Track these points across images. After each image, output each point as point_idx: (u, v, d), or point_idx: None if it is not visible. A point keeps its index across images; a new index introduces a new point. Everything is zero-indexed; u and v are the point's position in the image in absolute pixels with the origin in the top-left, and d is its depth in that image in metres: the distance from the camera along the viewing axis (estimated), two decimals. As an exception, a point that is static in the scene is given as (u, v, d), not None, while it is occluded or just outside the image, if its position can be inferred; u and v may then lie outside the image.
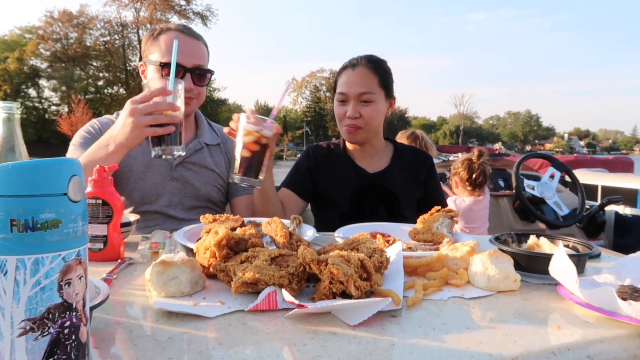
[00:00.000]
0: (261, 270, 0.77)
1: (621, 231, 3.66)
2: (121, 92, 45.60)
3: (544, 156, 3.97)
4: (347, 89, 1.67)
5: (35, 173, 0.46)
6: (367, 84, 1.66)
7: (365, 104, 1.67)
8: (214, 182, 1.78)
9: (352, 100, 1.67)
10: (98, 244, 1.06)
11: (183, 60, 1.60)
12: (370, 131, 1.73)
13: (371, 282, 0.78)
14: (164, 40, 1.64)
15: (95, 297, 0.67)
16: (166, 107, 1.31)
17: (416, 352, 0.62)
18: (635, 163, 9.82)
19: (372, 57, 1.72)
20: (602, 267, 1.00)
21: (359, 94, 1.66)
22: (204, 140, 1.80)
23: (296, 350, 0.62)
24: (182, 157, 1.68)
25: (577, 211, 3.22)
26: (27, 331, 0.46)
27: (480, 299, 0.84)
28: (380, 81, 1.69)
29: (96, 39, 45.35)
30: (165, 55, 1.61)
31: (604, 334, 0.70)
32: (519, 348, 0.64)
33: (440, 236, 1.21)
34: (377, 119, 1.72)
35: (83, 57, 44.17)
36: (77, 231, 0.49)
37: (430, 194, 1.84)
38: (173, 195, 1.70)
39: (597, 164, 8.76)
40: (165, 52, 1.61)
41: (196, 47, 1.66)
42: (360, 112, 1.67)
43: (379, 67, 1.70)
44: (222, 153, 1.85)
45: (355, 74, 1.68)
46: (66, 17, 42.77)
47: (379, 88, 1.69)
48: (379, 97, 1.69)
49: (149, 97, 1.31)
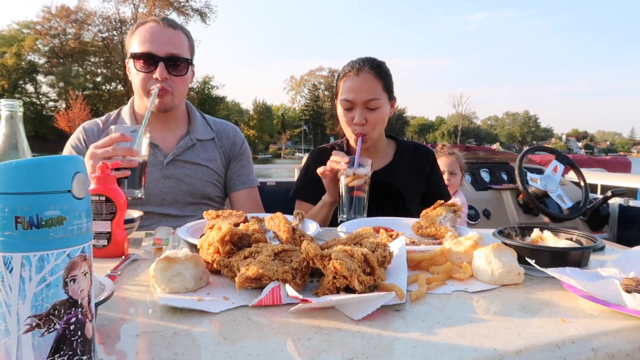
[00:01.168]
0: (265, 266, 0.77)
1: (625, 224, 3.65)
2: (119, 88, 45.58)
3: (548, 149, 3.95)
4: (353, 96, 1.67)
5: (39, 170, 0.46)
6: (373, 90, 1.67)
7: (371, 110, 1.68)
8: (208, 178, 1.76)
9: (359, 107, 1.67)
10: (102, 240, 1.06)
11: (156, 49, 1.58)
12: (376, 136, 1.75)
13: (375, 277, 0.78)
14: (139, 32, 1.61)
15: (100, 294, 0.68)
16: (123, 152, 1.32)
17: (420, 346, 0.62)
18: (632, 164, 9.79)
19: (374, 61, 1.73)
20: (606, 259, 0.99)
21: (365, 101, 1.66)
22: (196, 136, 1.77)
23: (300, 344, 0.63)
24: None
25: (580, 204, 3.20)
26: (33, 327, 0.46)
27: (484, 292, 0.84)
28: (384, 85, 1.70)
29: (94, 35, 45.27)
30: (139, 46, 1.59)
31: (609, 326, 0.70)
32: (523, 341, 0.64)
33: (443, 230, 1.21)
34: (383, 124, 1.74)
35: (81, 53, 44.14)
36: (82, 228, 0.49)
37: (434, 188, 1.86)
38: (166, 194, 1.69)
39: (595, 164, 8.74)
40: (139, 43, 1.59)
41: (171, 36, 1.62)
42: (367, 118, 1.68)
43: (382, 71, 1.71)
44: (216, 147, 1.81)
45: (360, 80, 1.67)
46: (64, 12, 42.68)
47: (383, 93, 1.70)
48: (384, 101, 1.71)
49: (109, 142, 1.33)
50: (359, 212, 1.50)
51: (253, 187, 1.88)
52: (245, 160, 1.88)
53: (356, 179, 1.48)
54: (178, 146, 1.72)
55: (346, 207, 1.50)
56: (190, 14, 44.88)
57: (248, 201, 1.84)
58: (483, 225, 3.33)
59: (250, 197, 1.86)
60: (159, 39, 1.59)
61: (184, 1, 44.82)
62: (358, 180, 1.49)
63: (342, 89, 1.72)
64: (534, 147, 3.76)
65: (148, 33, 1.60)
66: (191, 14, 44.83)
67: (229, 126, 1.92)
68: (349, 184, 1.49)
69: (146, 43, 1.59)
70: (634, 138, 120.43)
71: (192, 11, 45.17)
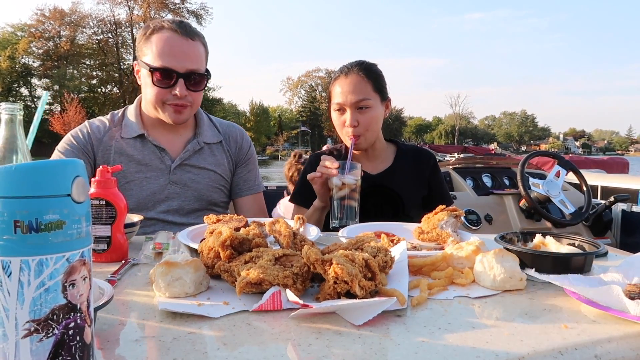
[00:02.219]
0: (265, 271, 0.77)
1: (628, 229, 3.63)
2: (115, 91, 45.56)
3: (550, 154, 3.94)
4: (343, 99, 1.67)
5: (38, 174, 0.46)
6: (362, 91, 1.67)
7: (362, 111, 1.68)
8: (215, 183, 1.73)
9: (349, 109, 1.67)
10: (102, 244, 1.06)
11: (175, 64, 1.51)
12: (371, 137, 1.73)
13: (376, 282, 0.77)
14: (155, 41, 1.52)
15: (99, 298, 0.67)
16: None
17: (421, 352, 0.62)
18: (630, 164, 9.78)
19: (363, 62, 1.73)
20: (609, 265, 0.99)
21: (354, 102, 1.66)
22: (204, 139, 1.72)
23: (301, 350, 0.62)
24: (180, 159, 1.66)
25: (583, 209, 3.19)
26: (32, 332, 0.46)
27: (485, 298, 0.84)
28: (374, 86, 1.69)
29: (89, 37, 45.31)
30: (156, 59, 1.52)
31: (612, 333, 0.69)
32: (525, 348, 0.63)
33: (445, 235, 1.20)
34: (375, 124, 1.72)
35: (76, 56, 44.13)
36: (81, 232, 0.49)
37: (436, 192, 1.84)
38: (172, 200, 1.64)
39: (592, 165, 8.74)
40: (157, 55, 1.51)
41: (191, 50, 1.55)
42: (359, 120, 1.67)
43: (371, 72, 1.70)
44: (223, 151, 1.77)
45: (348, 82, 1.68)
46: (58, 14, 42.75)
47: (374, 93, 1.69)
48: (375, 102, 1.70)
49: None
50: (351, 218, 1.48)
51: (259, 192, 1.86)
52: (252, 164, 1.85)
53: (345, 188, 1.47)
54: (185, 150, 1.67)
55: (337, 213, 1.49)
56: (185, 15, 44.96)
57: (254, 207, 1.81)
58: (485, 230, 3.32)
59: (256, 202, 1.84)
60: (179, 54, 1.52)
61: (179, 3, 45.00)
62: (346, 189, 1.48)
63: (334, 93, 1.73)
64: (536, 152, 3.73)
65: (167, 45, 1.52)
66: (187, 16, 44.93)
67: (236, 128, 1.87)
68: (338, 194, 1.48)
69: (165, 57, 1.51)
70: (631, 136, 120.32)
71: (187, 13, 45.31)
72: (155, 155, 1.64)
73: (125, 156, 1.62)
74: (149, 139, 1.64)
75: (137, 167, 1.62)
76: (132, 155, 1.62)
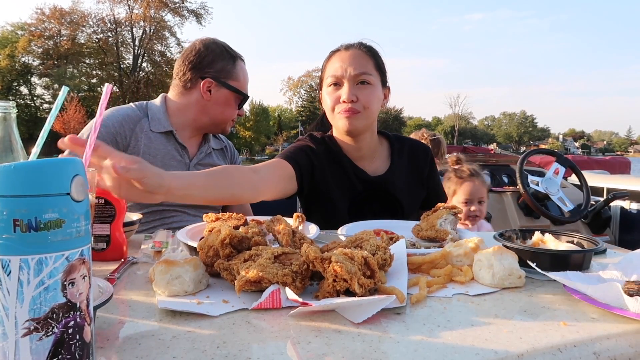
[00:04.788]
0: (265, 269, 0.77)
1: (627, 227, 3.64)
2: (115, 90, 45.38)
3: (549, 152, 3.94)
4: (341, 71, 1.49)
5: (38, 173, 0.46)
6: (364, 65, 1.50)
7: (362, 86, 1.49)
8: None
9: (348, 82, 1.48)
10: (101, 243, 1.06)
11: (247, 89, 1.86)
12: (369, 118, 1.53)
13: (375, 280, 0.77)
14: (241, 68, 1.82)
15: (98, 297, 0.67)
16: None
17: (421, 350, 0.62)
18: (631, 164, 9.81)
19: (365, 42, 1.59)
20: (608, 263, 0.99)
21: (355, 75, 1.48)
22: (212, 145, 1.91)
23: (300, 348, 0.62)
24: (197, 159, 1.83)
25: (582, 207, 3.20)
26: (31, 331, 0.46)
27: (484, 295, 0.84)
28: (376, 64, 1.54)
29: (89, 36, 44.97)
30: (243, 87, 1.83)
31: (611, 330, 0.69)
32: (524, 345, 0.63)
33: (444, 233, 1.20)
34: (375, 105, 1.53)
35: (76, 55, 43.77)
36: (81, 231, 0.49)
37: (433, 192, 1.74)
38: None
39: (594, 165, 8.75)
40: (243, 83, 1.83)
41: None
42: (357, 95, 1.48)
43: (374, 51, 1.57)
44: (225, 157, 1.98)
45: (349, 55, 1.51)
46: (57, 13, 42.51)
47: (375, 71, 1.53)
48: (376, 80, 1.52)
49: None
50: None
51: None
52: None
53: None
54: (200, 152, 1.85)
55: None
56: (185, 15, 44.69)
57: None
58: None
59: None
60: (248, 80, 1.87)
61: (179, 2, 44.74)
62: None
63: (329, 67, 1.54)
64: (534, 149, 3.73)
65: (247, 75, 1.87)
66: (187, 15, 44.68)
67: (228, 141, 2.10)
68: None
69: (246, 86, 1.86)
70: (630, 137, 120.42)
71: (187, 12, 45.01)
72: (177, 152, 1.79)
73: (153, 148, 1.73)
74: (175, 136, 1.77)
75: (162, 160, 1.72)
76: (158, 148, 1.73)
